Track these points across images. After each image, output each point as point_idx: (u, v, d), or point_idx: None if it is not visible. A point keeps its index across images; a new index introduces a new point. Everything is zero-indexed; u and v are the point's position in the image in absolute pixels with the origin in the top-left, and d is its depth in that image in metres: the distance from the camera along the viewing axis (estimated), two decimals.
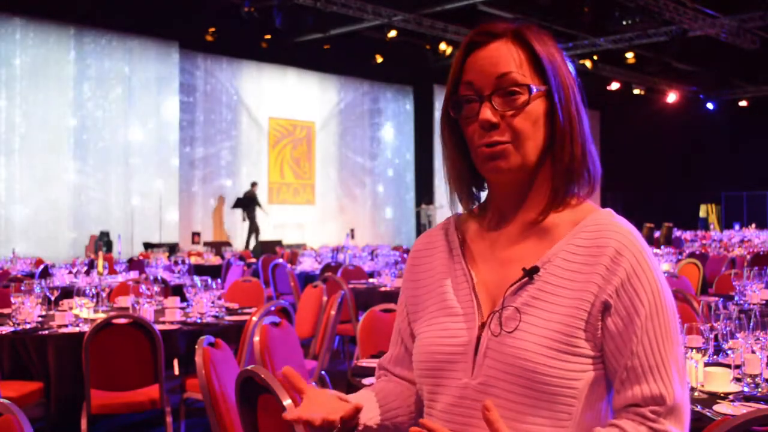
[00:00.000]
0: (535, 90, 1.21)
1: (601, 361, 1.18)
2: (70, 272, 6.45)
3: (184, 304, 4.47)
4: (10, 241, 12.95)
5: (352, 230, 17.65)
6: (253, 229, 15.71)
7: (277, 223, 17.45)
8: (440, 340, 1.26)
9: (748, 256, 8.66)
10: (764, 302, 4.24)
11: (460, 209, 1.36)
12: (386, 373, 1.44)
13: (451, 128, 1.29)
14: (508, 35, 1.24)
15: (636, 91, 20.29)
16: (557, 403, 1.15)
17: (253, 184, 16.03)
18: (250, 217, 15.71)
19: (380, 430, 1.30)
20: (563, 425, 1.15)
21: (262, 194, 16.61)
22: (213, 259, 9.97)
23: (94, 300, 4.29)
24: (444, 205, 1.42)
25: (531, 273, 1.21)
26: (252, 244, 15.12)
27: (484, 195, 1.36)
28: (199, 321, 4.08)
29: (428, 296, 1.33)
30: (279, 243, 14.27)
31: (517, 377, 1.16)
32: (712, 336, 2.44)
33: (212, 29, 14.73)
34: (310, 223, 18.09)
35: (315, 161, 18.81)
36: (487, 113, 1.21)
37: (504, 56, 1.23)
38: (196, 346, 2.50)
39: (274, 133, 17.93)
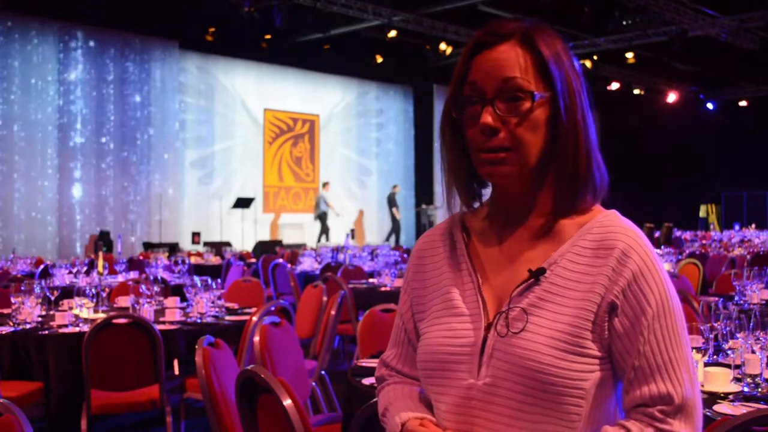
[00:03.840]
0: (538, 97, 1.21)
1: (609, 361, 1.19)
2: (70, 272, 6.45)
3: (184, 304, 4.47)
4: (11, 241, 12.95)
5: (352, 230, 17.64)
6: (395, 228, 18.02)
7: (276, 223, 17.44)
8: (446, 340, 1.26)
9: (748, 256, 8.65)
10: (764, 302, 4.24)
11: (456, 207, 1.35)
12: (391, 372, 1.43)
13: (452, 127, 1.29)
14: (517, 37, 1.23)
15: (636, 91, 20.28)
16: (565, 404, 1.15)
17: (395, 186, 18.25)
18: (393, 216, 18.01)
19: None
20: (572, 426, 1.15)
21: (257, 200, 16.49)
22: (213, 259, 9.97)
23: (94, 300, 4.29)
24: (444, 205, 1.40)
25: (537, 274, 1.21)
26: (393, 241, 17.62)
27: (485, 192, 1.35)
28: (199, 321, 4.08)
29: (433, 296, 1.33)
30: (279, 243, 14.26)
31: (524, 378, 1.16)
32: (712, 336, 2.44)
33: (212, 29, 14.71)
34: (310, 224, 18.06)
35: (319, 161, 18.62)
36: (488, 118, 1.20)
37: (510, 60, 1.22)
38: (196, 346, 2.50)
39: (271, 128, 17.58)
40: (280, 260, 8.40)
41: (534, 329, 1.18)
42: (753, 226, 17.86)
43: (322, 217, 16.85)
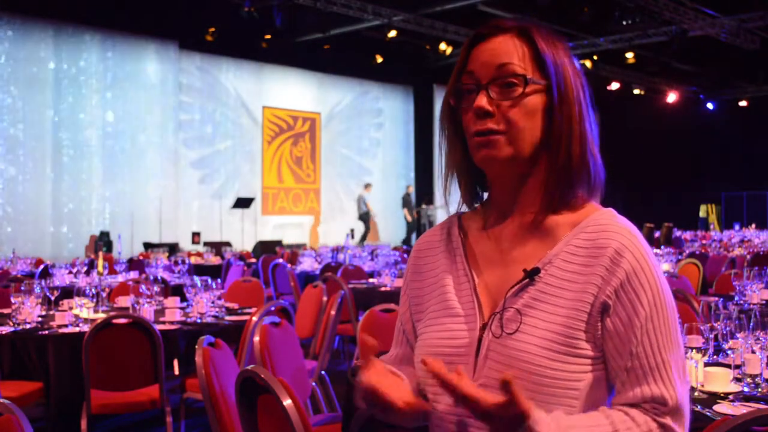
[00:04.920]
0: (531, 82, 1.22)
1: (602, 361, 1.18)
2: (70, 272, 6.45)
3: (184, 304, 4.47)
4: (10, 241, 12.95)
5: (352, 230, 17.62)
6: (412, 226, 18.13)
7: (276, 223, 17.41)
8: (441, 341, 1.26)
9: (748, 256, 8.65)
10: (764, 302, 4.24)
11: (453, 202, 1.35)
12: None
13: (451, 117, 1.30)
14: (515, 31, 1.25)
15: (636, 91, 20.28)
16: (559, 404, 1.15)
17: (408, 186, 18.58)
18: (411, 215, 18.17)
19: None
20: None
21: (255, 202, 16.45)
22: (213, 259, 9.97)
23: (94, 300, 4.29)
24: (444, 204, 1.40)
25: (532, 274, 1.21)
26: (413, 240, 17.76)
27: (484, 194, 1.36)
28: (199, 321, 4.07)
29: (430, 296, 1.33)
30: (279, 243, 14.26)
31: (518, 379, 1.16)
32: (712, 336, 2.44)
33: (212, 29, 14.72)
34: (310, 224, 18.06)
35: (320, 161, 18.52)
36: (482, 101, 1.22)
37: (507, 48, 1.24)
38: (196, 346, 2.49)
39: (270, 126, 17.47)
40: (280, 260, 8.40)
41: (528, 330, 1.18)
42: (753, 226, 17.85)
43: (364, 218, 17.28)
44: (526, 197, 1.27)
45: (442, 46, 15.85)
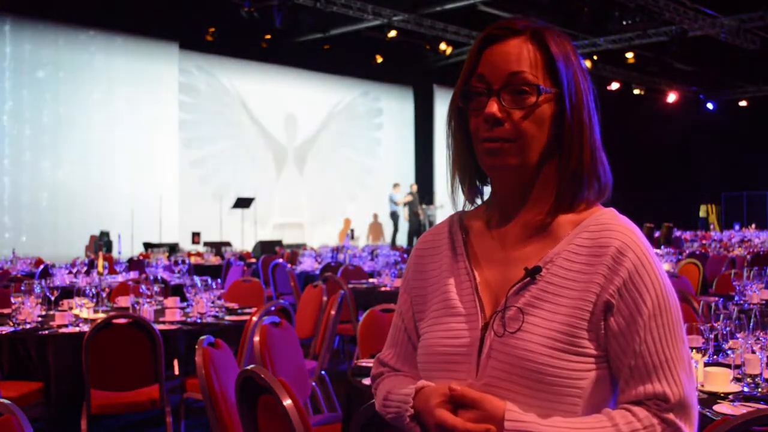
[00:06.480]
0: (544, 91, 1.21)
1: (606, 360, 1.18)
2: (70, 272, 6.45)
3: (184, 304, 4.47)
4: (10, 241, 12.94)
5: (352, 230, 17.62)
6: (418, 227, 17.76)
7: (276, 223, 17.40)
8: (444, 341, 1.26)
9: (748, 256, 8.65)
10: (764, 302, 4.24)
11: (460, 201, 1.35)
12: (390, 370, 1.43)
13: (458, 117, 1.30)
14: (528, 34, 1.24)
15: (636, 91, 20.28)
16: (562, 403, 1.15)
17: (412, 185, 18.26)
18: (412, 214, 17.84)
19: None
20: None
21: (255, 203, 16.43)
22: (213, 259, 9.97)
23: (94, 300, 4.29)
24: (444, 204, 1.41)
25: (533, 273, 1.21)
26: (414, 241, 17.39)
27: (486, 190, 1.36)
28: (199, 321, 4.07)
29: (432, 295, 1.33)
30: (279, 243, 14.25)
31: (521, 377, 1.16)
32: (712, 336, 2.44)
33: (212, 29, 14.72)
34: (310, 224, 18.05)
35: (321, 160, 18.57)
36: (493, 107, 1.21)
37: (519, 54, 1.23)
38: (196, 346, 2.49)
39: (269, 125, 17.51)
40: (280, 260, 8.40)
41: (530, 329, 1.18)
42: (753, 226, 17.86)
43: (393, 217, 17.48)
44: (532, 199, 1.27)
45: (442, 46, 15.85)
